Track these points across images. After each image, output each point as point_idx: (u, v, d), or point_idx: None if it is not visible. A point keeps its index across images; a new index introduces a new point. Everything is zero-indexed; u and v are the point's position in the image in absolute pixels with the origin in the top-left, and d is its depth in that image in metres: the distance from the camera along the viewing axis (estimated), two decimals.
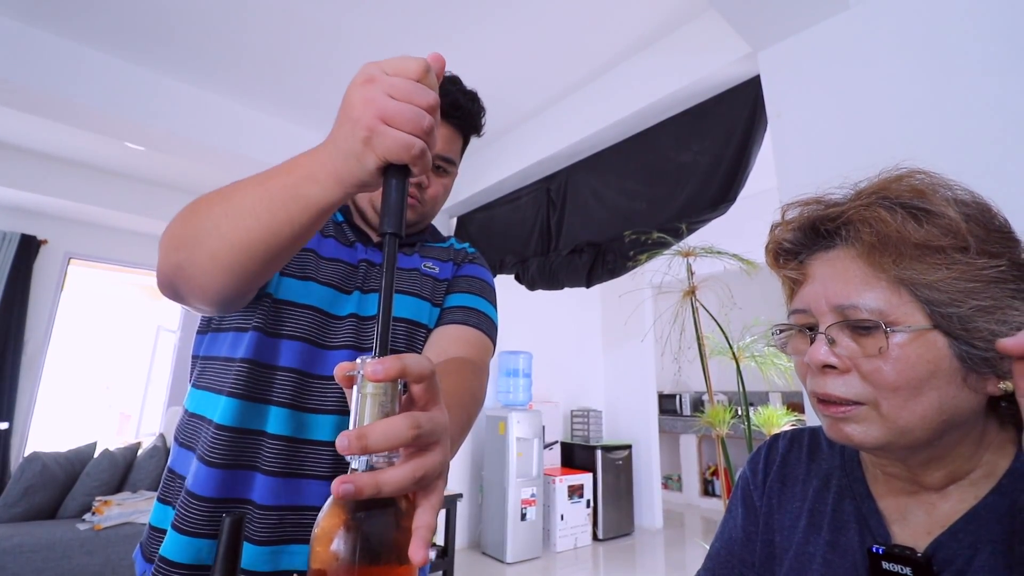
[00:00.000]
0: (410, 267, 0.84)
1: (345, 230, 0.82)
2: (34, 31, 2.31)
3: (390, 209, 0.39)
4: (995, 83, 1.24)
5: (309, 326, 0.72)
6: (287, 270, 0.74)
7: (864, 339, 0.44)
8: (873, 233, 0.45)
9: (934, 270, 0.43)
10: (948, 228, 0.44)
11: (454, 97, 0.81)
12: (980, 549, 0.43)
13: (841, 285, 0.46)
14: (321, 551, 0.31)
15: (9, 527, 2.25)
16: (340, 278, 0.77)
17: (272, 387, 0.69)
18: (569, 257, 2.81)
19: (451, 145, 0.82)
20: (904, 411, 0.43)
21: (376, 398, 0.33)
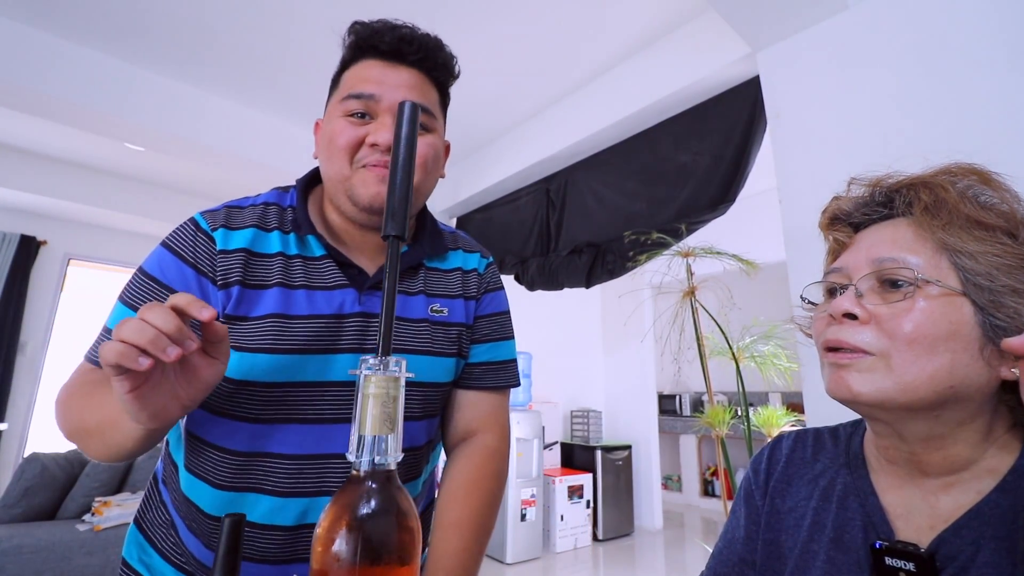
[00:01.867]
0: (417, 317, 0.71)
1: (325, 270, 0.67)
2: (34, 32, 2.31)
3: (393, 211, 0.39)
4: (995, 83, 1.24)
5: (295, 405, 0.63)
6: (253, 346, 0.62)
7: (891, 293, 0.46)
8: (931, 195, 0.47)
9: (978, 243, 0.44)
10: (1003, 214, 0.46)
11: (403, 32, 0.68)
12: (983, 546, 0.43)
13: (886, 244, 0.48)
14: (322, 551, 0.31)
15: (8, 528, 2.25)
16: (322, 339, 0.63)
17: (263, 476, 0.62)
18: (569, 257, 2.81)
19: (421, 92, 0.69)
20: (914, 366, 0.43)
21: (378, 399, 0.33)
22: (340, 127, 0.65)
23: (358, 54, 0.69)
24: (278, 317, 0.62)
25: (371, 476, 0.33)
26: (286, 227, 0.68)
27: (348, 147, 0.64)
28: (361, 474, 0.33)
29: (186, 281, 0.62)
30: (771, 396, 4.76)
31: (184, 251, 0.64)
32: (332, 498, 0.33)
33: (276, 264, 0.65)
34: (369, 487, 0.33)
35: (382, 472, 0.33)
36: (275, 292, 0.64)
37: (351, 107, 0.65)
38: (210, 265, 0.63)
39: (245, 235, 0.66)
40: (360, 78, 0.67)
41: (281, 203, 0.71)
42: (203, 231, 0.65)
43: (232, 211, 0.68)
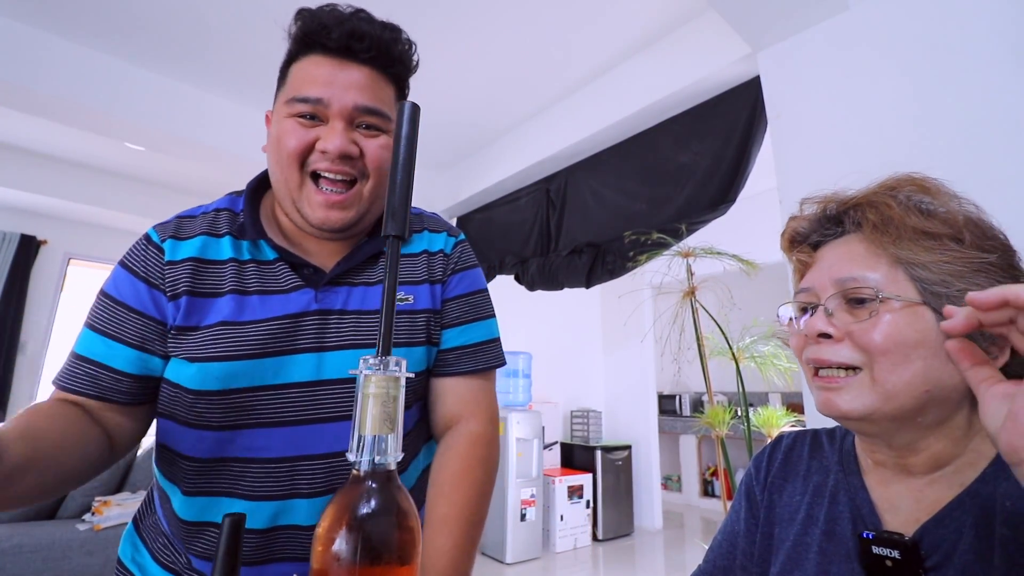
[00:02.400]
0: (376, 308, 0.67)
1: (279, 272, 0.65)
2: (34, 31, 2.31)
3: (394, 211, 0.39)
4: (995, 83, 1.24)
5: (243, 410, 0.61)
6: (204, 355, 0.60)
7: (858, 310, 0.49)
8: (878, 215, 0.50)
9: (928, 253, 0.47)
10: (947, 220, 0.49)
11: (353, 25, 0.62)
12: (964, 534, 0.45)
13: (844, 263, 0.51)
14: (322, 551, 0.31)
15: (8, 527, 2.25)
16: (277, 341, 0.62)
17: (234, 480, 0.61)
18: (569, 257, 2.81)
19: (373, 93, 0.64)
20: (893, 375, 0.46)
21: (378, 398, 0.33)
22: (288, 129, 0.63)
23: (305, 47, 0.64)
24: (228, 324, 0.61)
25: (371, 476, 0.33)
26: (237, 232, 0.67)
27: (297, 152, 0.62)
28: (361, 474, 0.33)
29: (139, 296, 0.62)
30: (771, 396, 4.76)
31: (136, 266, 0.63)
32: (332, 497, 0.33)
33: (228, 270, 0.64)
34: (369, 487, 0.33)
35: (382, 472, 0.33)
36: (227, 299, 0.62)
37: (298, 110, 0.62)
38: (159, 277, 0.62)
39: (194, 244, 0.65)
40: (307, 78, 0.63)
41: (233, 208, 0.69)
42: (154, 244, 0.64)
43: (183, 221, 0.67)
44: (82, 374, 0.60)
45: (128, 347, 0.61)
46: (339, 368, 0.64)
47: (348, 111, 0.62)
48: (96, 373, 0.60)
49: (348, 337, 0.65)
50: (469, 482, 0.66)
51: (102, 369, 0.60)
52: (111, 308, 0.62)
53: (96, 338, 0.61)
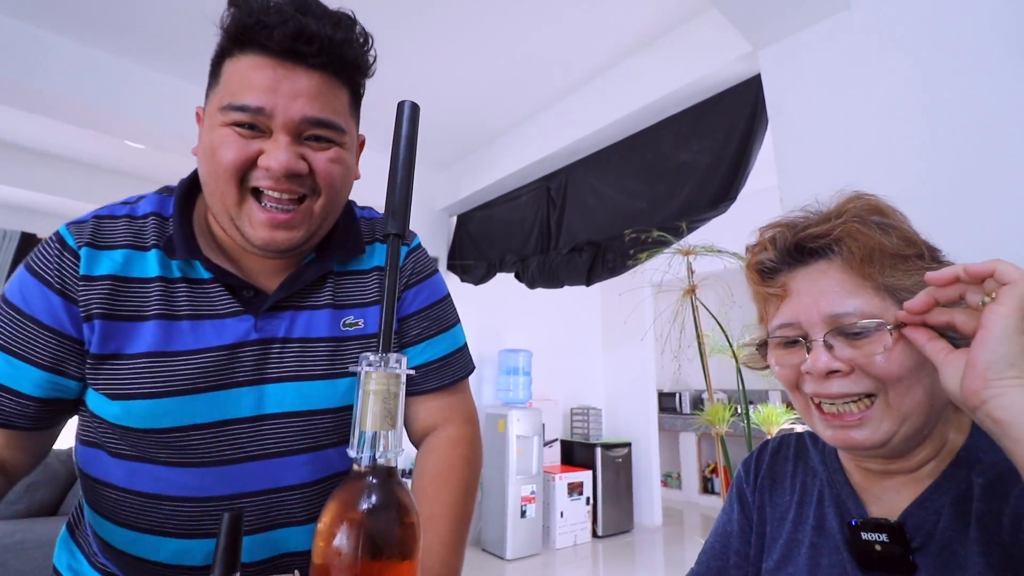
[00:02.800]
0: (326, 335, 0.61)
1: (214, 295, 0.58)
2: (34, 30, 2.31)
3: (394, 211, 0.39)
4: (996, 81, 1.24)
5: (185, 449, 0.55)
6: (127, 391, 0.53)
7: (860, 342, 0.49)
8: (860, 247, 0.50)
9: (908, 276, 0.49)
10: (906, 238, 0.51)
11: (299, 24, 0.52)
12: (943, 513, 0.48)
13: (833, 296, 0.51)
14: (323, 546, 0.32)
15: (11, 524, 2.26)
16: (212, 375, 0.56)
17: (165, 519, 0.56)
18: (569, 256, 2.81)
19: (325, 102, 0.55)
20: (907, 397, 0.48)
21: (379, 395, 0.33)
22: (224, 139, 0.53)
23: (242, 44, 0.53)
24: (156, 356, 0.54)
25: (372, 472, 0.33)
26: (167, 246, 0.58)
27: (235, 168, 0.53)
28: (362, 469, 0.33)
29: (53, 311, 0.53)
30: (771, 394, 4.76)
31: (49, 275, 0.54)
32: (333, 493, 0.33)
33: (154, 291, 0.56)
34: (370, 483, 0.33)
35: (383, 468, 0.34)
36: (152, 325, 0.54)
37: (236, 118, 0.53)
38: (75, 290, 0.54)
39: (114, 258, 0.56)
40: (245, 82, 0.53)
41: (163, 212, 0.60)
42: (69, 249, 0.55)
43: (102, 223, 0.57)
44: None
45: (38, 368, 0.53)
46: (281, 402, 0.58)
47: (295, 123, 0.54)
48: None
49: (292, 368, 0.59)
50: (453, 481, 0.64)
51: (5, 393, 0.52)
52: (18, 322, 0.53)
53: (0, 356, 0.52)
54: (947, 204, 1.27)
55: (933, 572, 0.47)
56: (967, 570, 0.45)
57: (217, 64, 0.57)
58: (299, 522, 0.59)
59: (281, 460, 0.58)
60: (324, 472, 0.61)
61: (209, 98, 0.57)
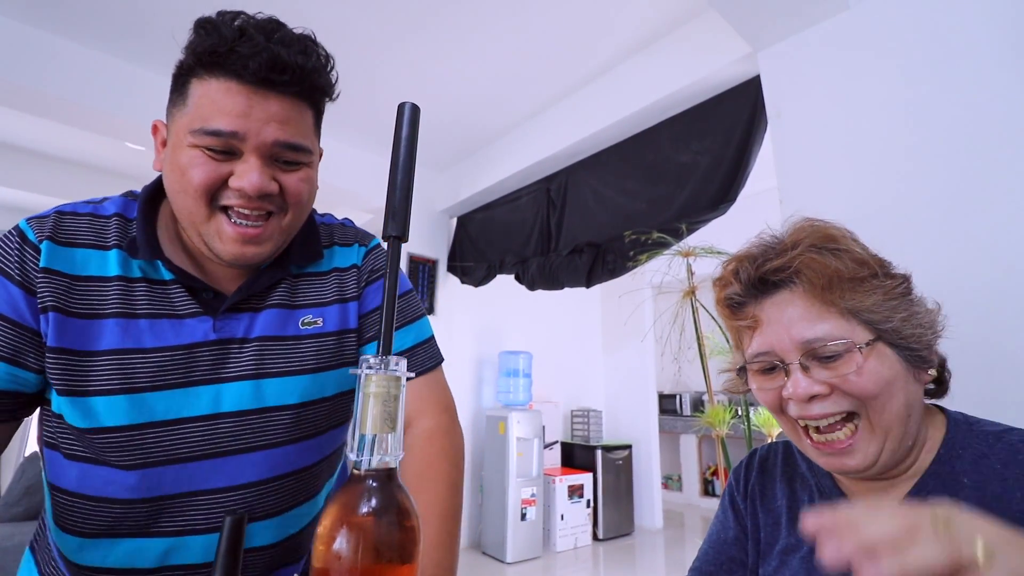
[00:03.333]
0: (284, 333, 0.63)
1: (174, 296, 0.59)
2: (34, 31, 2.32)
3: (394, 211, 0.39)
4: (996, 83, 1.24)
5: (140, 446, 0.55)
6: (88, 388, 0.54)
7: (834, 364, 0.52)
8: (820, 276, 0.53)
9: (867, 296, 0.53)
10: (858, 260, 0.54)
11: (272, 54, 0.53)
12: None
13: (801, 324, 0.54)
14: (323, 550, 0.31)
15: (10, 527, 2.25)
16: (170, 374, 0.56)
17: (117, 521, 0.56)
18: (569, 257, 2.81)
19: (294, 126, 0.57)
20: (885, 412, 0.51)
21: (379, 397, 0.33)
22: (193, 160, 0.54)
23: (212, 69, 0.54)
24: (115, 353, 0.55)
25: (372, 475, 0.33)
26: (128, 246, 0.59)
27: (205, 188, 0.54)
28: (362, 473, 0.33)
29: (14, 302, 0.53)
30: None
31: (9, 267, 0.54)
32: (333, 496, 0.33)
33: (113, 289, 0.57)
34: (370, 486, 0.33)
35: (383, 471, 0.34)
36: (111, 323, 0.55)
37: (207, 142, 0.54)
38: (34, 282, 0.55)
39: (74, 255, 0.57)
40: (216, 108, 0.53)
41: (127, 214, 0.61)
42: (29, 243, 0.56)
43: (64, 219, 0.58)
44: None
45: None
46: (238, 400, 0.59)
47: (267, 146, 0.55)
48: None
49: (249, 367, 0.60)
50: (434, 477, 0.63)
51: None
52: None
53: None
54: (946, 205, 1.27)
55: None
56: None
57: (182, 83, 0.57)
58: (256, 519, 0.60)
59: (237, 458, 0.59)
60: (281, 469, 0.62)
61: (173, 115, 0.57)
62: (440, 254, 3.76)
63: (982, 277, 1.18)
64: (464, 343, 4.02)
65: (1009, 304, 1.13)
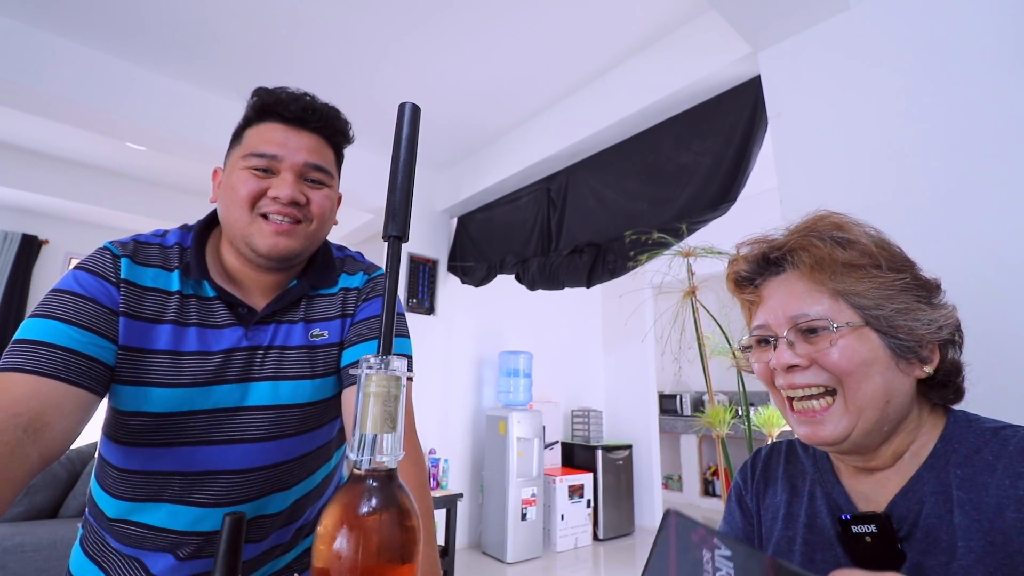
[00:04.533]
0: (298, 344, 0.77)
1: (215, 309, 0.73)
2: (34, 31, 2.32)
3: (394, 211, 0.39)
4: (996, 83, 1.24)
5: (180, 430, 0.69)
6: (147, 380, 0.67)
7: (815, 339, 0.56)
8: (810, 257, 0.58)
9: (860, 282, 0.56)
10: (864, 251, 0.57)
11: (306, 103, 0.75)
12: (925, 502, 0.53)
13: (793, 300, 0.58)
14: (324, 549, 0.31)
15: (11, 526, 2.25)
16: (209, 373, 0.70)
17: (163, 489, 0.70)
18: (569, 257, 2.81)
19: (320, 154, 0.75)
20: (859, 391, 0.54)
21: (379, 397, 0.33)
22: (242, 178, 0.71)
23: (263, 116, 0.74)
24: (171, 353, 0.68)
25: (372, 475, 0.33)
26: (184, 269, 0.74)
27: (250, 197, 0.71)
28: (362, 472, 0.33)
29: (110, 295, 0.66)
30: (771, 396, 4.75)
31: (105, 271, 0.68)
32: (334, 496, 0.33)
33: (172, 302, 0.71)
34: (370, 485, 0.33)
35: (383, 471, 0.34)
36: (168, 329, 0.69)
37: (254, 164, 0.71)
38: (116, 283, 0.68)
39: (148, 273, 0.71)
40: (264, 139, 0.72)
41: (183, 243, 0.76)
42: (112, 255, 0.70)
43: (139, 246, 0.73)
44: (33, 355, 0.59)
45: (95, 335, 0.64)
46: (260, 396, 0.73)
47: (299, 166, 0.73)
48: (47, 352, 0.59)
49: (271, 370, 0.74)
50: (407, 479, 0.70)
51: (54, 349, 0.60)
52: (78, 303, 0.64)
53: (49, 323, 0.61)
54: (946, 205, 1.27)
55: (920, 558, 0.51)
56: (952, 554, 0.49)
57: (240, 132, 0.77)
58: (253, 498, 0.74)
59: (257, 444, 0.73)
60: (286, 456, 0.76)
61: (230, 156, 0.76)
62: (440, 254, 3.76)
63: (982, 276, 1.18)
64: (464, 343, 4.02)
65: (1008, 303, 1.13)
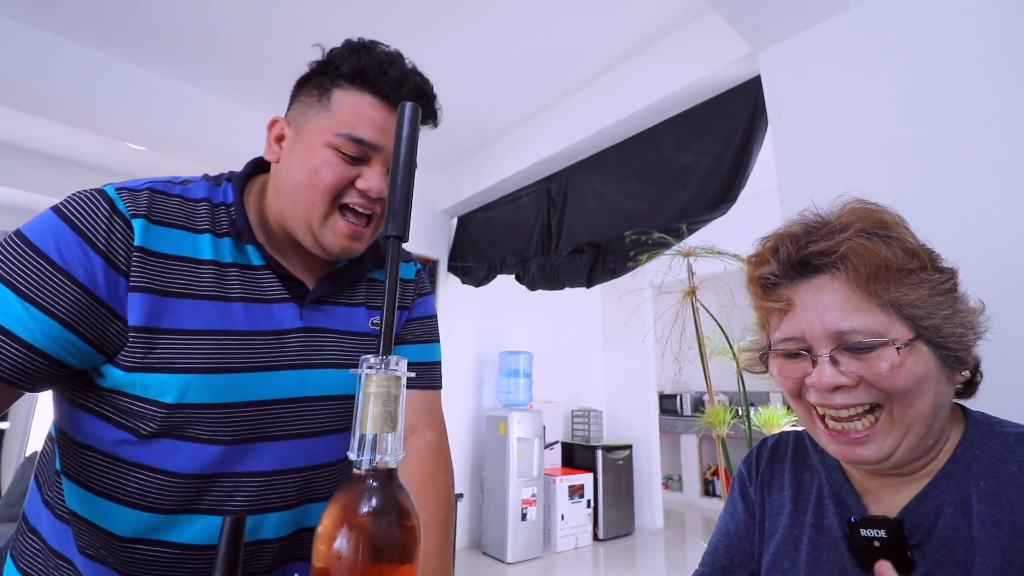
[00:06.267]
0: (358, 330, 0.69)
1: (263, 281, 0.62)
2: (35, 31, 2.32)
3: (395, 211, 0.39)
4: (996, 83, 1.24)
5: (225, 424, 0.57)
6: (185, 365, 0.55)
7: (864, 356, 0.49)
8: (866, 265, 0.50)
9: (913, 290, 0.50)
10: (910, 251, 0.51)
11: (416, 84, 0.64)
12: (943, 511, 0.49)
13: (838, 313, 0.51)
14: (324, 549, 0.31)
15: (11, 526, 2.25)
16: (261, 356, 0.59)
17: (200, 496, 0.57)
18: (570, 257, 2.81)
19: None
20: (911, 409, 0.49)
21: (379, 397, 0.33)
22: (328, 160, 0.60)
23: (359, 84, 0.62)
24: (214, 333, 0.57)
25: (372, 475, 0.33)
26: (219, 229, 0.61)
27: (335, 187, 0.61)
28: (362, 472, 0.33)
29: (92, 272, 0.51)
30: (772, 396, 4.75)
31: (95, 235, 0.52)
32: (333, 496, 0.33)
33: (208, 272, 0.59)
34: (370, 485, 0.33)
35: (383, 471, 0.33)
36: (208, 305, 0.57)
37: (349, 149, 0.60)
38: (125, 260, 0.53)
39: (171, 237, 0.57)
40: (365, 119, 0.61)
41: (212, 199, 0.63)
42: (120, 215, 0.54)
43: (157, 198, 0.58)
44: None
45: (56, 322, 0.49)
46: (324, 386, 0.64)
47: (390, 157, 0.62)
48: (3, 345, 0.48)
49: (334, 356, 0.66)
50: (437, 487, 0.69)
51: (13, 342, 0.48)
52: (45, 272, 0.50)
53: (14, 300, 0.48)
54: (946, 206, 1.26)
55: (931, 568, 0.48)
56: (968, 569, 0.46)
57: (323, 88, 0.63)
58: (321, 499, 0.65)
59: (316, 439, 0.64)
60: (337, 455, 0.67)
61: (311, 117, 0.63)
62: (440, 254, 3.76)
63: (982, 275, 1.18)
64: (464, 343, 4.02)
65: (1006, 303, 1.13)
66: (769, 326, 0.58)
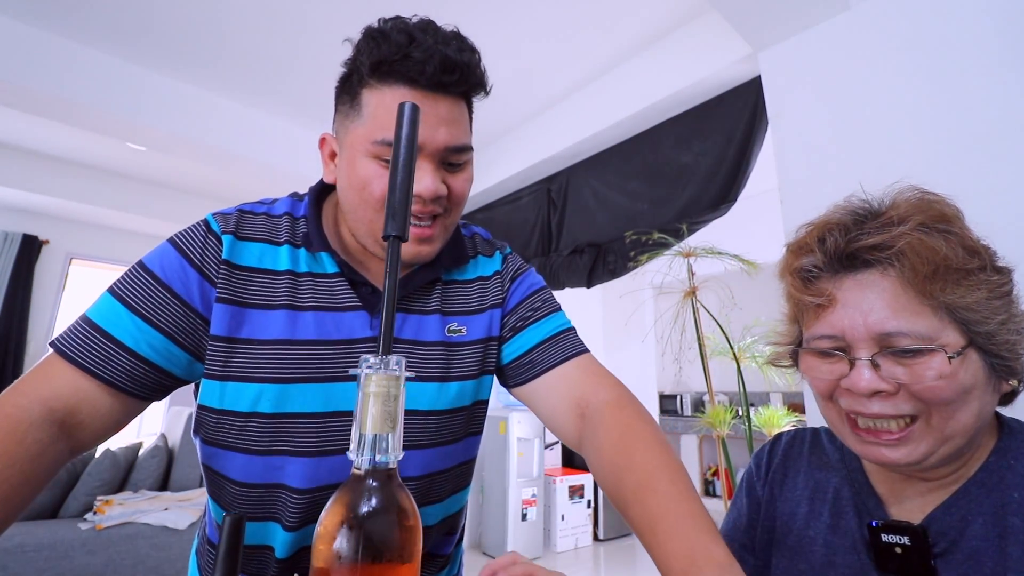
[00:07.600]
0: (431, 340, 0.64)
1: (335, 289, 0.61)
2: (34, 31, 2.32)
3: (394, 211, 0.39)
4: (996, 84, 1.24)
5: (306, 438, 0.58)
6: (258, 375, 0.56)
7: (910, 361, 0.45)
8: (926, 263, 0.45)
9: (971, 292, 0.45)
10: (971, 249, 0.46)
11: (443, 56, 0.56)
12: (971, 521, 0.46)
13: (886, 312, 0.46)
14: (324, 549, 0.31)
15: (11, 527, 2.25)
16: (330, 366, 0.59)
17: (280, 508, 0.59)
18: (570, 257, 2.81)
19: (459, 127, 0.60)
20: (952, 420, 0.45)
21: (379, 397, 0.33)
22: (372, 173, 0.56)
23: (385, 77, 0.57)
24: (284, 344, 0.57)
25: (372, 474, 0.33)
26: (296, 240, 0.62)
27: (384, 199, 0.56)
28: (362, 472, 0.33)
29: (187, 283, 0.56)
30: (772, 396, 4.75)
31: (192, 252, 0.58)
32: (333, 496, 0.33)
33: (283, 283, 0.60)
34: (370, 485, 0.33)
35: (383, 471, 0.33)
36: (281, 315, 0.58)
37: (387, 155, 0.56)
38: (215, 271, 0.58)
39: (253, 250, 0.60)
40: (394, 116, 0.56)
41: (294, 213, 0.65)
42: (213, 233, 0.59)
43: (244, 217, 0.62)
44: (97, 349, 0.53)
45: (159, 333, 0.55)
46: None
47: (439, 152, 0.58)
48: (112, 353, 0.53)
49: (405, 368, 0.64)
50: (644, 439, 0.55)
51: (121, 350, 0.53)
52: (149, 285, 0.56)
53: (124, 313, 0.54)
54: None
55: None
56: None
57: (352, 93, 0.60)
58: None
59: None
60: (421, 470, 0.63)
61: (347, 127, 0.60)
62: None
63: None
64: None
65: None
66: (803, 320, 0.53)
